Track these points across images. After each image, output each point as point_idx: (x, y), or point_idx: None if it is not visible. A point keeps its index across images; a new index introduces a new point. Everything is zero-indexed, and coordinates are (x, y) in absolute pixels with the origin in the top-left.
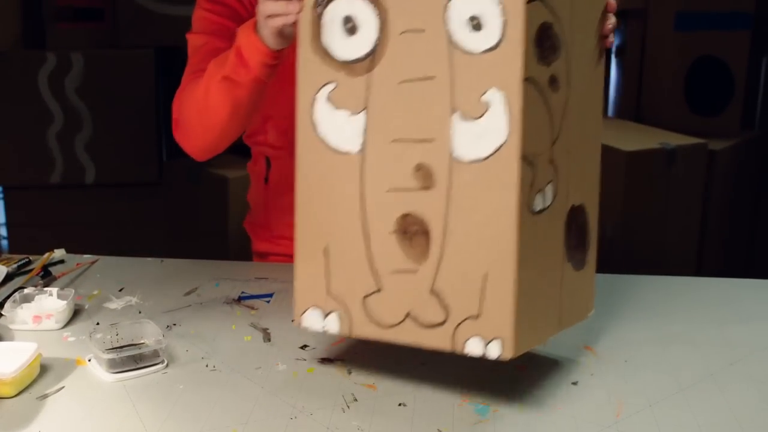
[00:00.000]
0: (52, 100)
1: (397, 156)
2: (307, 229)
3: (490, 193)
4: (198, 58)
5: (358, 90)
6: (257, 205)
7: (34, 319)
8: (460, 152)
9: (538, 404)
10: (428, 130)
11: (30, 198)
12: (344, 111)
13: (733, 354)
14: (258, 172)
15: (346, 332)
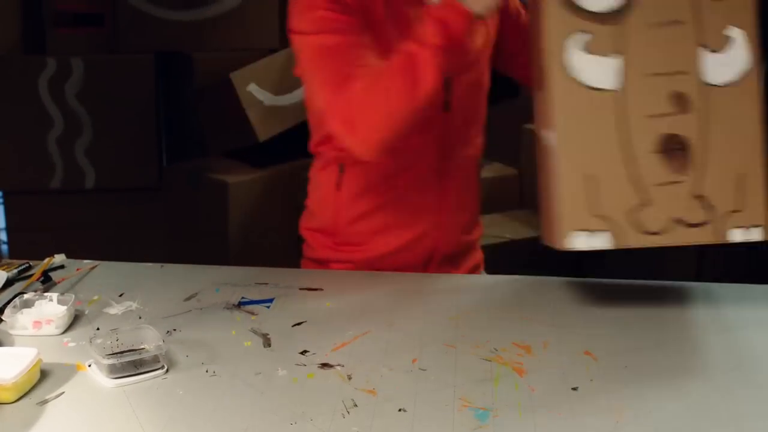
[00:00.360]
0: (52, 104)
1: (654, 88)
2: (570, 162)
3: (738, 108)
4: (343, 58)
5: (611, 36)
6: (323, 210)
7: (35, 325)
8: (710, 78)
9: (538, 410)
10: (681, 64)
11: (30, 203)
12: (599, 55)
13: (734, 359)
14: (328, 178)
15: (614, 245)
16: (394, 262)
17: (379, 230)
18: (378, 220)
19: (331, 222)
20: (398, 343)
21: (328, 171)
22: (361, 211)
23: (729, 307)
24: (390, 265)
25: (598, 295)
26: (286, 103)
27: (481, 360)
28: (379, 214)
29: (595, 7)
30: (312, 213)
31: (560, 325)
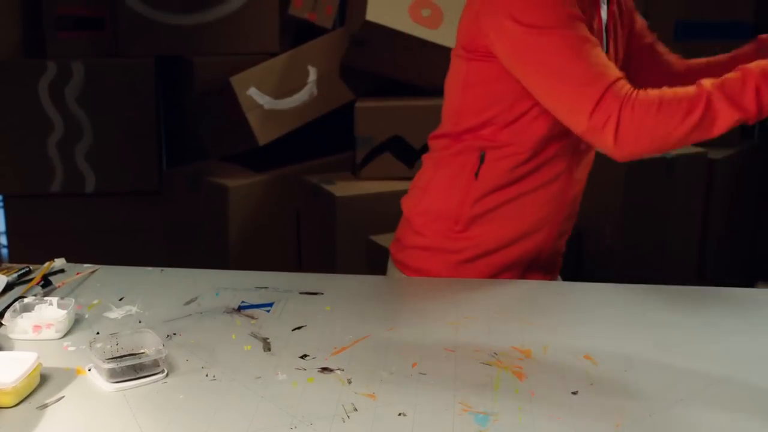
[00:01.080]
0: (52, 108)
1: None
2: None
3: None
4: (594, 56)
5: None
6: (452, 195)
7: (35, 329)
8: None
9: (537, 413)
10: None
11: (30, 207)
12: None
13: (734, 364)
14: (465, 163)
15: None
16: (501, 260)
17: (499, 224)
18: (502, 214)
19: (457, 208)
20: (398, 347)
21: (467, 156)
22: (491, 202)
23: (730, 310)
24: (495, 262)
25: (598, 299)
26: (286, 107)
27: (481, 364)
28: (504, 208)
29: None
30: (431, 196)
31: (560, 329)
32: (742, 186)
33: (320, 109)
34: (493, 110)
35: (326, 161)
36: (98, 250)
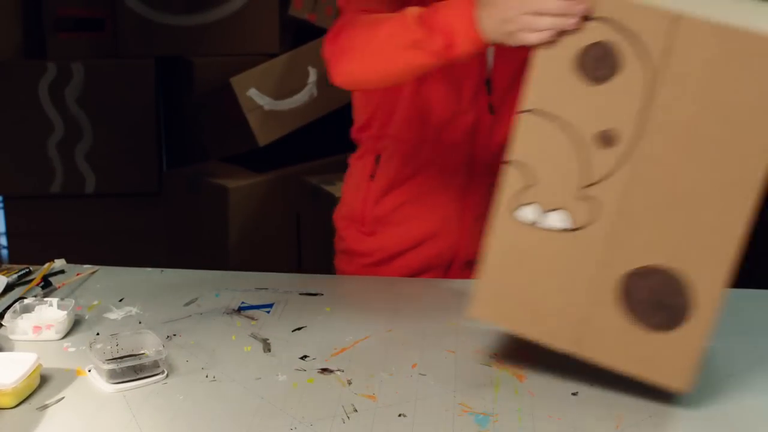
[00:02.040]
0: (52, 109)
1: None
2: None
3: None
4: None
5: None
6: (355, 199)
7: (34, 330)
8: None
9: (537, 415)
10: None
11: (30, 207)
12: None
13: (733, 365)
14: (363, 167)
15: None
16: (415, 261)
17: (403, 224)
18: (404, 214)
19: (360, 211)
20: (398, 348)
21: (365, 160)
22: (390, 203)
23: (729, 312)
24: (411, 264)
25: None
26: (286, 107)
27: (480, 365)
28: (405, 208)
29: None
30: (344, 201)
31: None
32: None
33: (320, 110)
34: (370, 107)
35: (326, 162)
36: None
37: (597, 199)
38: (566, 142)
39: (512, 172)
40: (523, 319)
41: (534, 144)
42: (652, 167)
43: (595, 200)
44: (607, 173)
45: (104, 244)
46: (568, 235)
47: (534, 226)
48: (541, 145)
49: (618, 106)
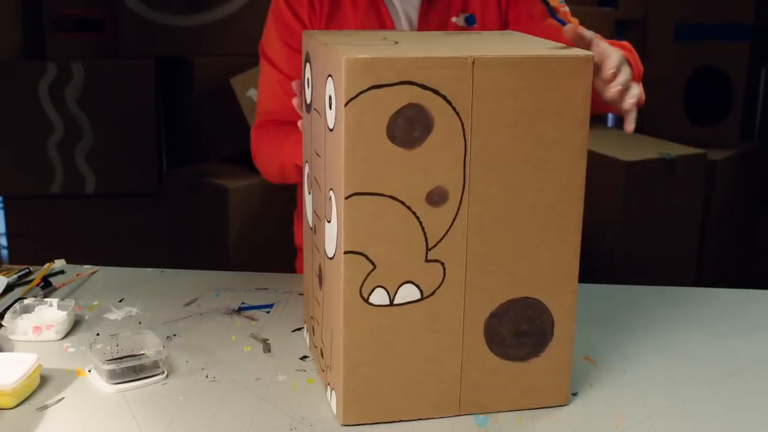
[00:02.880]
0: (52, 109)
1: None
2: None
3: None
4: (274, 100)
5: None
6: (299, 196)
7: (34, 330)
8: (326, 249)
9: (537, 415)
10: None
11: (30, 208)
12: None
13: (733, 365)
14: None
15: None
16: None
17: None
18: None
19: (302, 208)
20: None
21: None
22: None
23: (728, 312)
24: None
25: (596, 300)
26: None
27: None
28: None
29: None
30: (298, 198)
31: None
32: (742, 187)
33: None
34: None
35: None
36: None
37: (441, 259)
38: (397, 215)
39: (350, 263)
40: (401, 404)
41: (365, 228)
42: (484, 211)
43: (438, 261)
44: (444, 231)
45: (104, 244)
46: (423, 303)
47: (386, 307)
48: (373, 227)
49: (439, 162)
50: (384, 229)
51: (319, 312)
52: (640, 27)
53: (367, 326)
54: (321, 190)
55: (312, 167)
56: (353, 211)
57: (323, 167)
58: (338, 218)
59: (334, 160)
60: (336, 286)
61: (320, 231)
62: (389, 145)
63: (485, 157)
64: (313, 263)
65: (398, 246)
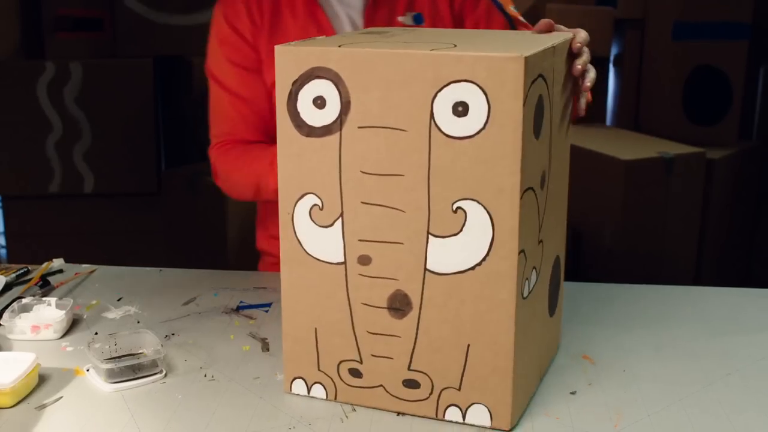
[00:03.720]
0: (51, 109)
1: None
2: (295, 312)
3: (487, 290)
4: (226, 121)
5: (333, 200)
6: (262, 207)
7: (33, 329)
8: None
9: (535, 413)
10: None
11: (29, 207)
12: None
13: (732, 364)
14: None
15: (332, 399)
16: None
17: None
18: None
19: (260, 211)
20: None
21: None
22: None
23: (728, 310)
24: None
25: (595, 299)
26: None
27: None
28: None
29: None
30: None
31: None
32: (741, 186)
33: None
34: None
35: None
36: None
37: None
38: (532, 205)
39: (520, 263)
40: (528, 387)
41: (525, 226)
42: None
43: (541, 242)
44: (543, 214)
45: (103, 244)
46: (540, 286)
47: (525, 300)
48: (526, 222)
49: (548, 151)
50: (530, 221)
51: (400, 343)
52: (639, 26)
53: (523, 321)
54: (410, 210)
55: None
56: (525, 208)
57: (423, 182)
58: (497, 223)
59: (483, 166)
60: (494, 293)
61: (408, 253)
62: (533, 139)
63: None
64: (354, 297)
65: (533, 233)
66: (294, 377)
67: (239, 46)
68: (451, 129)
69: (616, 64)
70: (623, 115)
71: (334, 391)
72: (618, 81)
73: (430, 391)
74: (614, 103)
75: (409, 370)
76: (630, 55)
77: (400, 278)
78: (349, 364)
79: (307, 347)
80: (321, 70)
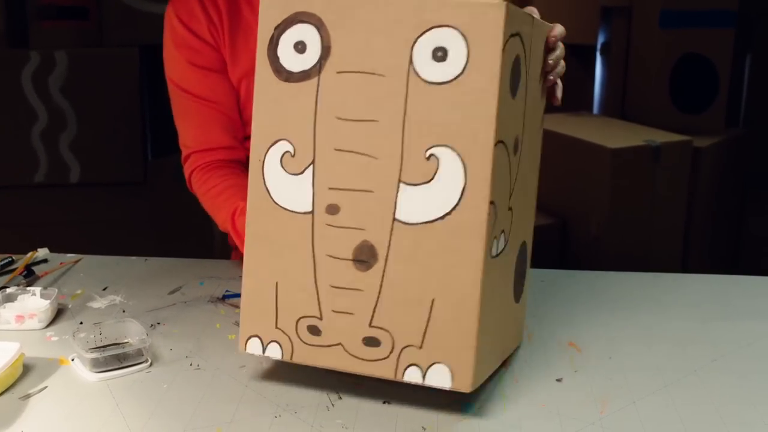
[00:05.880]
0: (35, 99)
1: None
2: (257, 266)
3: (455, 242)
4: (196, 127)
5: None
6: None
7: (17, 319)
8: (405, 217)
9: (522, 401)
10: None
11: (14, 197)
12: (294, 174)
13: (717, 350)
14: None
15: (287, 359)
16: None
17: None
18: None
19: None
20: None
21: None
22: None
23: (713, 297)
24: None
25: (581, 286)
26: None
27: None
28: None
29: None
30: None
31: (544, 317)
32: (728, 174)
33: None
34: None
35: None
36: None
37: (511, 206)
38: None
39: (491, 216)
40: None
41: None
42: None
43: (510, 210)
44: (515, 179)
45: (90, 233)
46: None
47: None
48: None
49: (523, 110)
50: (501, 178)
51: (362, 298)
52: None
53: (490, 282)
54: (383, 157)
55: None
56: (498, 161)
57: (398, 127)
58: (470, 171)
59: (459, 112)
60: (462, 245)
61: (378, 202)
62: (509, 95)
63: (532, 125)
64: (319, 249)
65: (504, 194)
66: (249, 335)
67: (199, 48)
68: (430, 74)
69: (602, 53)
70: (610, 103)
71: (291, 350)
72: (605, 69)
73: (390, 349)
74: (601, 92)
75: (371, 326)
76: (617, 44)
77: (367, 228)
78: (308, 321)
79: (266, 304)
80: (304, 15)
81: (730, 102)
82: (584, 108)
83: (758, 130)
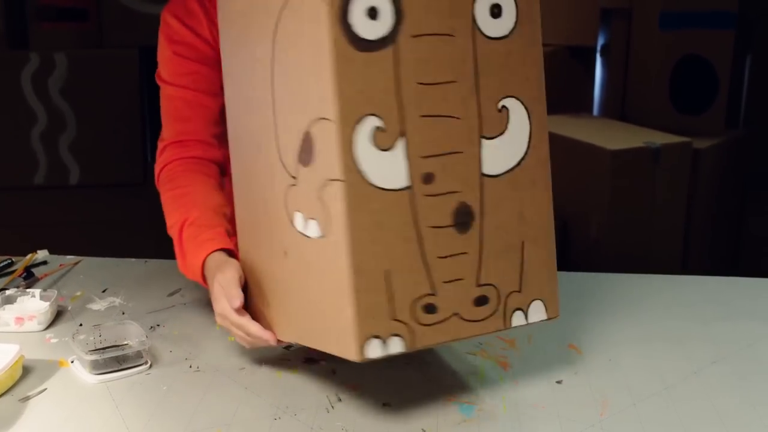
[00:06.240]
0: (35, 100)
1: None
2: (365, 260)
3: (531, 183)
4: (173, 117)
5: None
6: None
7: (17, 321)
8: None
9: (522, 403)
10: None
11: (13, 199)
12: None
13: (717, 352)
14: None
15: (410, 348)
16: None
17: None
18: None
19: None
20: None
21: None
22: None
23: (713, 298)
24: None
25: (582, 288)
26: None
27: (465, 354)
28: None
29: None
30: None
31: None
32: (727, 175)
33: None
34: None
35: None
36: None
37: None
38: None
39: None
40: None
41: None
42: None
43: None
44: None
45: (89, 235)
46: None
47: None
48: None
49: None
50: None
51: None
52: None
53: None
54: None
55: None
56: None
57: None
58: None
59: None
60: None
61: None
62: None
63: None
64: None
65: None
66: (367, 337)
67: (193, 43)
68: (491, 30)
69: (602, 54)
70: (610, 104)
71: (412, 337)
72: (604, 71)
73: (497, 302)
74: (601, 93)
75: (478, 286)
76: (616, 45)
77: (462, 189)
78: (423, 301)
79: (379, 297)
80: None
81: (729, 103)
82: (584, 109)
83: (758, 132)
